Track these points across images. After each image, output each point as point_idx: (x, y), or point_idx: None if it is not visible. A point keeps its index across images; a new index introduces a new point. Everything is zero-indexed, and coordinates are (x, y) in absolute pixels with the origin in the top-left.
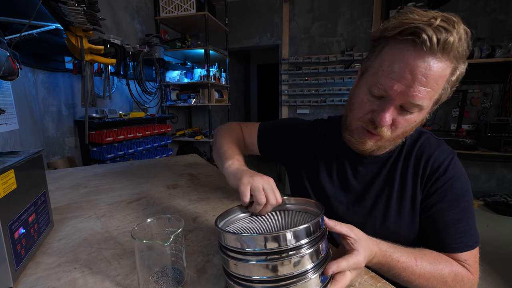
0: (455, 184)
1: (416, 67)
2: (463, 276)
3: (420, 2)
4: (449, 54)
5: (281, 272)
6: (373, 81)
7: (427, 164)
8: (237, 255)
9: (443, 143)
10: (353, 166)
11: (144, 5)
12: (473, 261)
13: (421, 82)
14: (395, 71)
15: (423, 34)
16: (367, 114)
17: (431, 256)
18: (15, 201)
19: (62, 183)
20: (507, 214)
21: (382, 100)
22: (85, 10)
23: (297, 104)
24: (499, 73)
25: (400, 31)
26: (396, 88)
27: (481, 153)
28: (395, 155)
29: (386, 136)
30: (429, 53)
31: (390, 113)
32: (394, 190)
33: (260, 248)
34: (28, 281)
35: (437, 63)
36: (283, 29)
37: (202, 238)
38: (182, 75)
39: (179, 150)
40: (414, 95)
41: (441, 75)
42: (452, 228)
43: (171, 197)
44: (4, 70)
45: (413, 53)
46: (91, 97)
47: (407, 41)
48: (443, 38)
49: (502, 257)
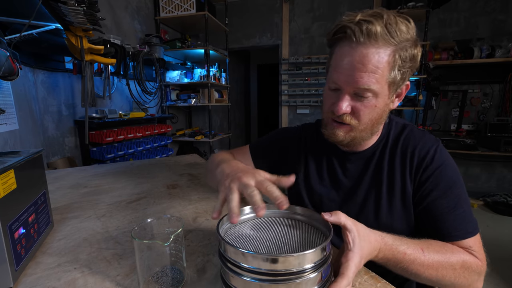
0: (444, 171)
1: (352, 58)
2: (471, 262)
3: (420, 2)
4: (377, 41)
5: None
6: (329, 78)
7: (413, 155)
8: (234, 268)
9: (426, 133)
10: (342, 163)
11: (144, 5)
12: (478, 247)
13: (360, 69)
14: (340, 65)
15: (347, 30)
16: (330, 106)
17: (437, 245)
18: (15, 201)
19: (62, 183)
20: (507, 214)
21: (337, 92)
22: (85, 10)
23: (297, 104)
24: (499, 73)
25: (333, 32)
26: (342, 78)
27: (481, 153)
28: (379, 149)
29: (352, 123)
30: (359, 44)
31: (345, 101)
32: (383, 184)
33: (257, 267)
34: (28, 281)
35: (369, 50)
36: (283, 29)
37: (202, 238)
38: (182, 75)
39: (179, 150)
40: (358, 80)
41: (378, 60)
42: (449, 215)
43: (171, 197)
44: (4, 70)
45: (348, 47)
46: (91, 97)
47: (343, 39)
48: (366, 29)
49: (502, 257)
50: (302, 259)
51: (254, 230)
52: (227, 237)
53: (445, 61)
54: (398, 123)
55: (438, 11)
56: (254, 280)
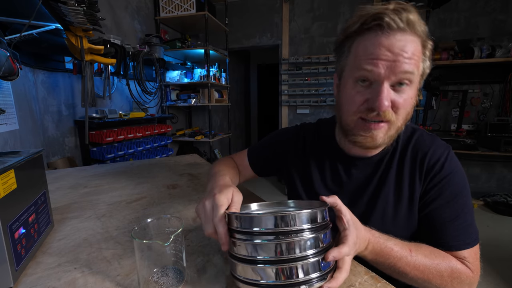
0: (452, 180)
1: (391, 45)
2: (461, 272)
3: (420, 2)
4: (414, 28)
5: (281, 254)
6: (356, 72)
7: (424, 161)
8: (240, 235)
9: (437, 138)
10: (347, 169)
11: (144, 5)
12: (473, 259)
13: (402, 55)
14: (374, 53)
15: (385, 17)
16: (362, 105)
17: (427, 250)
18: (15, 201)
19: (62, 183)
20: (507, 214)
21: (372, 87)
22: (85, 10)
23: (297, 104)
24: (499, 73)
25: (362, 22)
26: (382, 66)
27: (481, 153)
28: (389, 154)
29: (392, 119)
30: (397, 31)
31: (386, 94)
32: (390, 190)
33: (261, 227)
34: (28, 281)
35: (407, 37)
36: (283, 29)
37: (202, 238)
38: (182, 75)
39: (179, 150)
40: (400, 66)
41: (415, 47)
42: (449, 226)
43: (171, 197)
44: (4, 70)
45: (383, 35)
46: (91, 97)
47: (372, 28)
48: (405, 16)
49: (502, 257)
50: (303, 217)
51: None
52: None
53: (445, 61)
54: (407, 126)
55: (438, 11)
56: (261, 240)
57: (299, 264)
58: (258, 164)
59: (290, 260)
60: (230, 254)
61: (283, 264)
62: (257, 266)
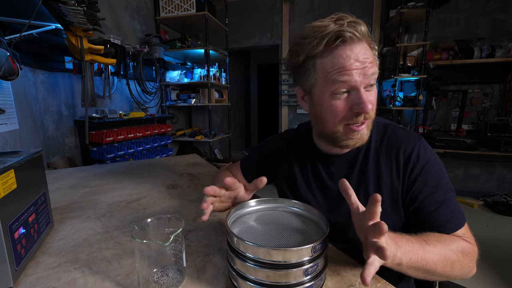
0: (432, 167)
1: (356, 55)
2: (468, 248)
3: (420, 2)
4: (366, 36)
5: (274, 280)
6: (331, 86)
7: (398, 155)
8: (237, 254)
9: (408, 131)
10: (326, 167)
11: (144, 5)
12: (468, 233)
13: (366, 62)
14: (345, 65)
15: (346, 33)
16: (347, 113)
17: (435, 236)
18: (15, 201)
19: (62, 183)
20: (507, 214)
21: (351, 94)
22: (85, 10)
23: (297, 104)
24: (499, 73)
25: (326, 42)
26: (356, 76)
27: (481, 153)
28: (363, 151)
29: (371, 116)
30: (356, 42)
31: (366, 98)
32: (370, 186)
33: (256, 256)
34: (28, 281)
35: (363, 45)
36: (283, 29)
37: (202, 238)
38: (182, 75)
39: (179, 150)
40: (368, 69)
41: (370, 51)
42: (442, 210)
43: (171, 197)
44: (4, 70)
45: (346, 48)
46: (91, 97)
47: (339, 44)
48: (359, 29)
49: (502, 257)
50: (300, 253)
51: (258, 222)
52: (234, 226)
53: (445, 61)
54: (379, 122)
55: (438, 11)
56: (256, 266)
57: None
58: (250, 173)
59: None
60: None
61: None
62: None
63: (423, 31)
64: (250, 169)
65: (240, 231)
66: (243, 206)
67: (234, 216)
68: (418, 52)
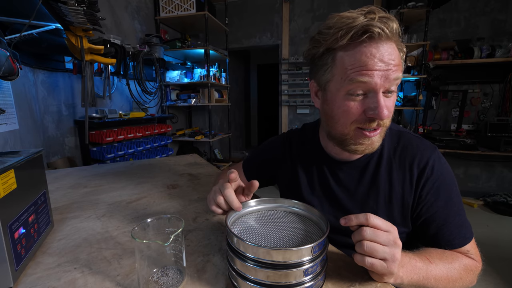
0: (445, 181)
1: (382, 55)
2: (471, 265)
3: (420, 2)
4: (396, 36)
5: (274, 280)
6: (348, 85)
7: (412, 166)
8: (236, 254)
9: (423, 140)
10: (333, 172)
11: (144, 5)
12: (474, 249)
13: (392, 63)
14: (368, 64)
15: (375, 28)
16: (359, 116)
17: (438, 254)
18: (15, 201)
19: (62, 183)
20: (507, 214)
21: (368, 97)
22: (85, 10)
23: (297, 104)
24: (499, 73)
25: (351, 35)
26: (377, 77)
27: (481, 153)
28: (375, 159)
29: (386, 124)
30: (384, 40)
31: (383, 103)
32: (380, 196)
33: (256, 256)
34: (28, 281)
35: (391, 45)
36: (283, 29)
37: (202, 238)
38: (182, 75)
39: (179, 150)
40: (392, 73)
41: (397, 53)
42: (450, 225)
43: (171, 197)
44: (4, 70)
45: (372, 45)
46: (91, 97)
47: (364, 40)
48: (390, 26)
49: (502, 257)
50: (299, 252)
51: (257, 222)
52: (234, 226)
53: (445, 61)
54: (393, 129)
55: (438, 11)
56: (256, 266)
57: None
58: (251, 173)
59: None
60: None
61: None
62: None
63: (423, 31)
64: (253, 171)
65: (240, 231)
66: (243, 206)
67: (234, 216)
68: (418, 52)
